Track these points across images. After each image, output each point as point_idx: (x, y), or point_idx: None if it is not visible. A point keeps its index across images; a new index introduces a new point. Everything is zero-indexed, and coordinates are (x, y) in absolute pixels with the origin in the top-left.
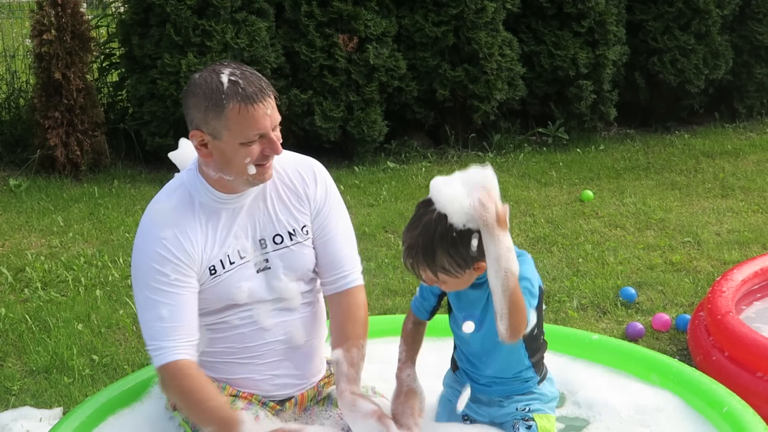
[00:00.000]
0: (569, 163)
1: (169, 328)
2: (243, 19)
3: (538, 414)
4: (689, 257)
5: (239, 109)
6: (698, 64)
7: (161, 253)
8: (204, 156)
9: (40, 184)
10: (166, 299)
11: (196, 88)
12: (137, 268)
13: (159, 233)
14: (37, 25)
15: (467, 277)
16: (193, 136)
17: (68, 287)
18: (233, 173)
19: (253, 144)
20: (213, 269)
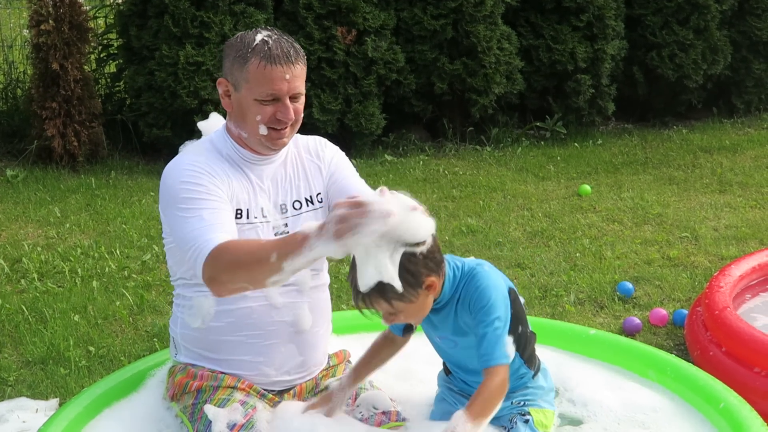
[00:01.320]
0: (567, 157)
1: (210, 226)
2: (241, 11)
3: (535, 408)
4: (687, 252)
5: (259, 65)
6: (697, 59)
7: (195, 170)
8: (226, 106)
9: (37, 174)
10: (204, 206)
11: (234, 40)
12: (170, 191)
13: (191, 158)
14: (35, 16)
15: (423, 300)
16: (219, 83)
17: (65, 278)
18: (247, 129)
19: (267, 104)
20: (239, 213)
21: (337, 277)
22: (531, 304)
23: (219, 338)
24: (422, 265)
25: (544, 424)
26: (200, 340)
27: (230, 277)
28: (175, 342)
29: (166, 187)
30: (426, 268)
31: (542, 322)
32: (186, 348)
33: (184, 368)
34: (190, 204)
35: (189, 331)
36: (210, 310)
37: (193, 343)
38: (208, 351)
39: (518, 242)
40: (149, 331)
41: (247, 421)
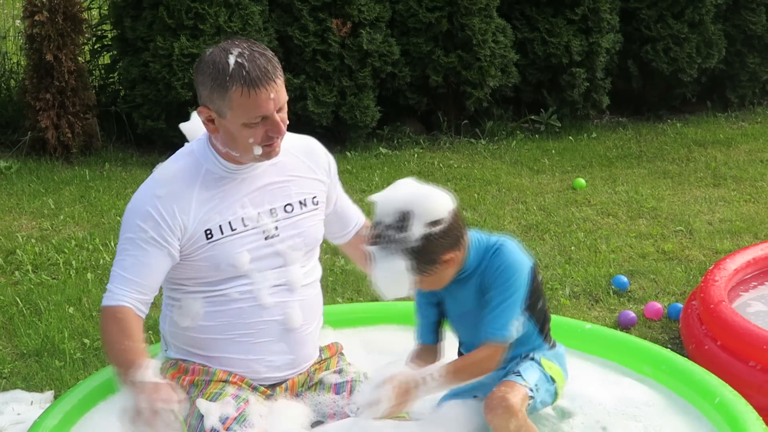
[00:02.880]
0: (561, 150)
1: (125, 279)
2: (236, 3)
3: (544, 358)
4: (681, 246)
5: (242, 92)
6: (691, 52)
7: (149, 210)
8: (211, 131)
9: (31, 166)
10: (136, 252)
11: (205, 66)
12: (125, 218)
13: (155, 190)
14: (29, 6)
15: (441, 272)
16: (200, 111)
17: (59, 270)
18: (239, 150)
19: (257, 126)
20: (209, 233)
21: (332, 270)
22: None
23: (208, 337)
24: (439, 244)
25: (552, 368)
26: (190, 338)
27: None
28: (165, 339)
29: (126, 209)
30: (444, 246)
31: None
32: (176, 345)
33: (175, 363)
34: (126, 243)
35: (178, 330)
36: (199, 311)
37: (182, 341)
38: (197, 348)
39: (513, 235)
40: (144, 324)
41: (239, 414)
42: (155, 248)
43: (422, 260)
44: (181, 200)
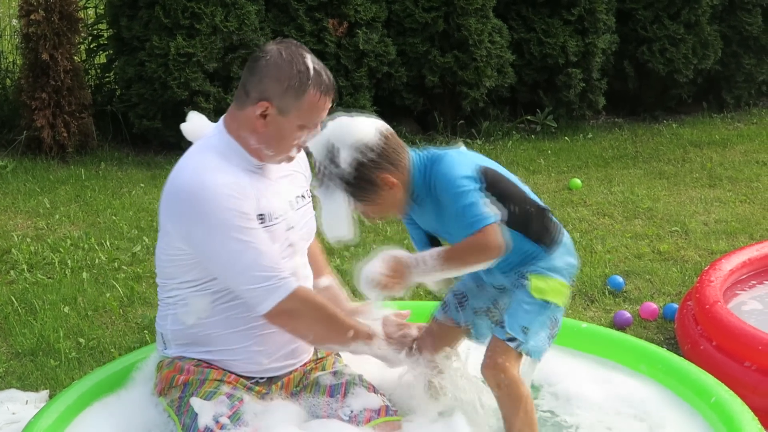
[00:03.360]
0: (557, 151)
1: (274, 260)
2: (232, 2)
3: (535, 274)
4: (677, 246)
5: (318, 97)
6: (687, 53)
7: (234, 196)
8: (258, 126)
9: (27, 165)
10: (256, 236)
11: (282, 62)
12: (216, 219)
13: (221, 181)
14: (24, 5)
15: (388, 197)
16: (260, 105)
17: (54, 269)
18: (279, 149)
19: (307, 130)
20: (261, 217)
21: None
22: None
23: (213, 332)
24: (373, 168)
25: (543, 290)
26: (193, 334)
27: (304, 324)
28: (164, 338)
29: (207, 213)
30: (378, 169)
31: None
32: (176, 343)
33: (171, 362)
34: (243, 235)
35: (181, 328)
36: (206, 307)
37: (185, 338)
38: (200, 345)
39: None
40: (139, 323)
41: (233, 413)
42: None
43: (360, 188)
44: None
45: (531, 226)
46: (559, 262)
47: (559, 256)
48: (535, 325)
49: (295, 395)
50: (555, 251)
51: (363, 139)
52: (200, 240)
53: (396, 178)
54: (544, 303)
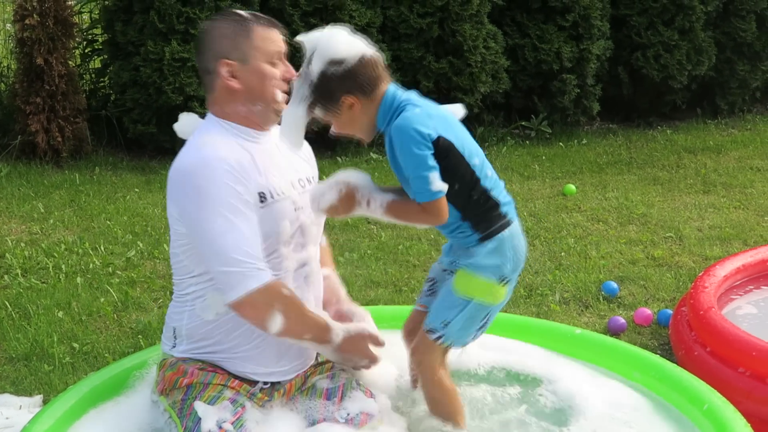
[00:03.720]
0: (552, 156)
1: (256, 249)
2: (227, 7)
3: (461, 270)
4: (671, 252)
5: (264, 31)
6: (681, 59)
7: (230, 172)
8: (233, 87)
9: (21, 170)
10: (244, 220)
11: (219, 23)
12: (207, 194)
13: (218, 153)
14: (19, 10)
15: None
16: (222, 65)
17: (49, 274)
18: (264, 97)
19: (276, 65)
20: (263, 196)
21: None
22: (516, 303)
23: (228, 329)
24: (337, 84)
25: (466, 287)
26: (210, 332)
27: (271, 316)
28: (176, 333)
29: (200, 187)
30: (342, 87)
31: (527, 320)
32: (190, 340)
33: (174, 364)
34: (232, 214)
35: (198, 323)
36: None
37: (200, 335)
38: (215, 343)
39: None
40: (134, 328)
41: (236, 419)
42: (252, 211)
43: (321, 97)
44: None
45: (469, 209)
46: (486, 260)
47: (488, 255)
48: (457, 320)
49: (293, 399)
50: (486, 246)
51: (338, 54)
52: (191, 214)
53: (358, 102)
54: (467, 299)
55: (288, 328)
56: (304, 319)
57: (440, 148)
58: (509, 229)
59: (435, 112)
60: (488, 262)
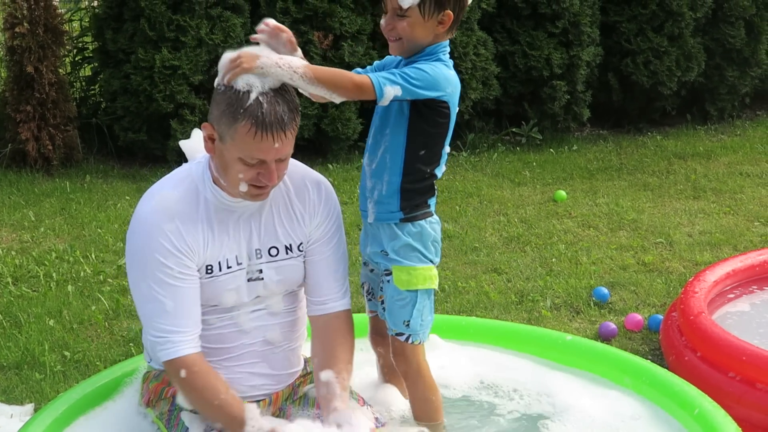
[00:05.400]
0: (542, 163)
1: (175, 322)
2: (218, 15)
3: (396, 266)
4: (661, 258)
5: (249, 131)
6: (671, 66)
7: (165, 246)
8: (208, 150)
9: (11, 178)
10: (170, 292)
11: (228, 89)
12: (138, 258)
13: (162, 225)
14: (9, 18)
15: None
16: (204, 127)
17: (39, 282)
18: (227, 180)
19: (251, 167)
20: (210, 269)
21: None
22: (507, 309)
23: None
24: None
25: (408, 281)
26: None
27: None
28: (149, 351)
29: (136, 249)
30: (456, 6)
31: (519, 327)
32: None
33: (159, 374)
34: (157, 286)
35: None
36: None
37: None
38: None
39: (494, 247)
40: (125, 336)
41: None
42: (185, 281)
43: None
44: (190, 230)
45: (412, 180)
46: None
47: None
48: (415, 315)
49: (283, 409)
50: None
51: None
52: (127, 266)
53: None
54: (413, 293)
55: (196, 408)
56: (213, 405)
57: (440, 110)
58: (429, 220)
59: (458, 87)
60: (414, 246)
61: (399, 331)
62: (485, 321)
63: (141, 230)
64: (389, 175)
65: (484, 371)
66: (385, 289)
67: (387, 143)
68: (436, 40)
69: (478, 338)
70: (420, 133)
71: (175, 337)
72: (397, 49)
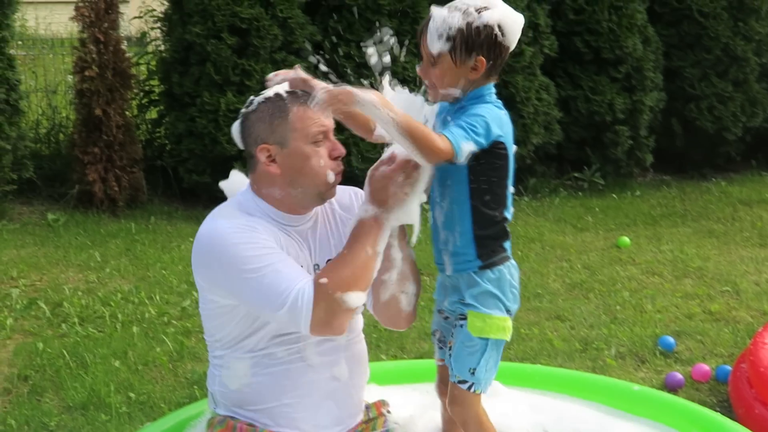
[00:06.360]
0: (605, 208)
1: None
2: (282, 59)
3: (473, 311)
4: (728, 307)
5: (302, 110)
6: (735, 111)
7: (242, 230)
8: (272, 172)
9: (78, 218)
10: (271, 260)
11: (257, 105)
12: (223, 257)
13: (231, 221)
14: (79, 62)
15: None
16: (260, 151)
17: (105, 323)
18: (305, 182)
19: (320, 144)
20: None
21: (375, 326)
22: (571, 357)
23: (257, 398)
24: (489, 46)
25: (482, 329)
26: (239, 398)
27: (345, 301)
28: (214, 398)
29: (215, 255)
30: (488, 52)
31: (585, 376)
32: (224, 404)
33: (223, 420)
34: (255, 262)
35: (227, 390)
36: (246, 372)
37: (231, 401)
38: (246, 404)
39: (557, 294)
40: (189, 378)
41: None
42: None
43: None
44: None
45: (485, 227)
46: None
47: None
48: (482, 364)
49: None
50: (487, 274)
51: (512, 32)
52: (223, 282)
53: (481, 66)
54: (485, 341)
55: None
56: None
57: (498, 152)
58: (507, 264)
59: (511, 127)
60: (493, 292)
61: (462, 378)
62: (551, 369)
63: (216, 237)
64: (460, 226)
65: (546, 419)
66: (456, 333)
67: (452, 194)
68: (474, 85)
69: (542, 386)
70: (482, 178)
71: (294, 289)
72: (433, 96)
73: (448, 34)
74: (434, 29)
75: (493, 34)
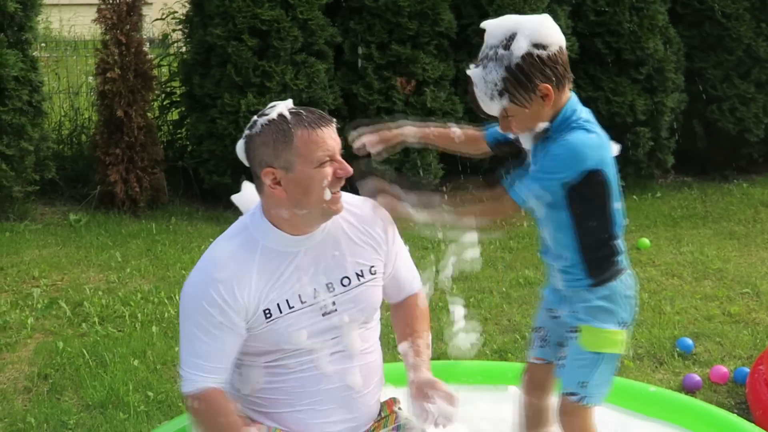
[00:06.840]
0: (625, 210)
1: (201, 365)
2: (302, 61)
3: (585, 325)
4: (748, 309)
5: (307, 134)
6: (758, 112)
7: (212, 295)
8: (278, 195)
9: (99, 219)
10: (207, 339)
11: (261, 128)
12: (187, 301)
13: (214, 274)
14: (101, 64)
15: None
16: (265, 174)
17: (125, 323)
18: (310, 204)
19: (326, 165)
20: (268, 312)
21: None
22: None
23: (269, 404)
24: (538, 69)
25: (594, 343)
26: (251, 402)
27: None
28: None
29: (187, 293)
30: (542, 74)
31: None
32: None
33: None
34: (196, 329)
35: (239, 394)
36: (259, 379)
37: (242, 404)
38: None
39: None
40: None
41: None
42: (225, 332)
43: (517, 80)
44: (242, 282)
45: (592, 251)
46: (603, 305)
47: (602, 300)
48: (593, 377)
49: None
50: (598, 291)
51: (546, 38)
52: (180, 306)
53: (551, 95)
54: (597, 355)
55: None
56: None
57: (593, 181)
58: (620, 278)
59: (606, 143)
60: (605, 307)
61: (573, 391)
62: None
63: (196, 278)
64: (569, 252)
65: None
66: (568, 346)
67: (554, 222)
68: (555, 107)
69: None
70: (581, 205)
71: (195, 377)
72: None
73: (497, 90)
74: (483, 94)
75: (535, 57)
